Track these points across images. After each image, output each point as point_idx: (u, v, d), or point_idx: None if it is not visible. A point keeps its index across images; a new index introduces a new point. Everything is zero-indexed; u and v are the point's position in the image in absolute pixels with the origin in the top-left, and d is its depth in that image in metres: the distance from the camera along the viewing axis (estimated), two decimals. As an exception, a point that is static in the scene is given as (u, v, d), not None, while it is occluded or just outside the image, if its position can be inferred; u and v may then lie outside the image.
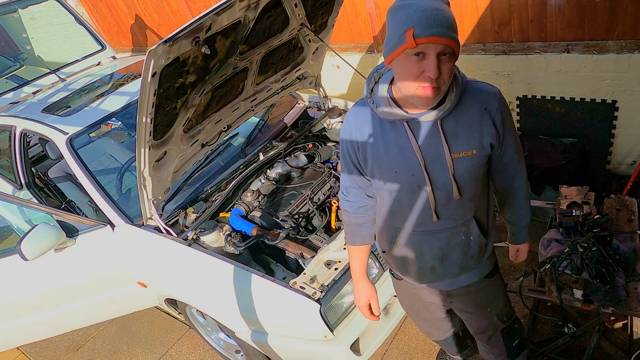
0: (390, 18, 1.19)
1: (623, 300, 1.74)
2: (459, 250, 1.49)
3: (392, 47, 1.18)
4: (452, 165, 1.33)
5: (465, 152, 1.33)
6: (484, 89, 1.35)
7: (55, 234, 2.38)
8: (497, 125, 1.35)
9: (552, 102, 3.16)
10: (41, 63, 4.67)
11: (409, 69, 1.18)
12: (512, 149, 1.44)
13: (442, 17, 1.13)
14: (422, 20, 1.11)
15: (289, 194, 2.68)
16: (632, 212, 2.11)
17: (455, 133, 1.32)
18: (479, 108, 1.32)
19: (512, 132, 1.43)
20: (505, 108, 1.38)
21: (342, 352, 2.00)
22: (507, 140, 1.41)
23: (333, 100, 3.29)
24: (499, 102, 1.34)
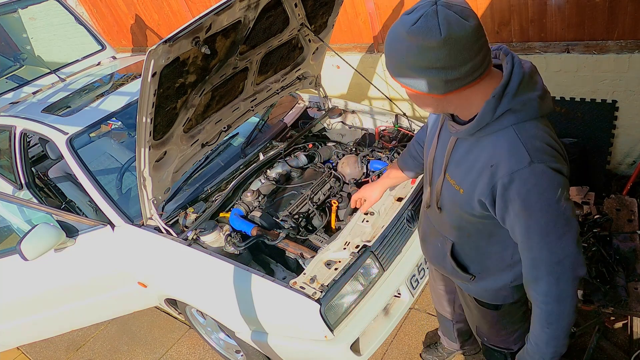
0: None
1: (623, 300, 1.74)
2: (436, 251, 1.52)
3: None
4: (442, 181, 1.31)
5: (455, 183, 1.24)
6: (511, 148, 1.07)
7: (55, 234, 2.38)
8: (496, 195, 1.11)
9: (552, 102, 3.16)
10: (41, 63, 4.67)
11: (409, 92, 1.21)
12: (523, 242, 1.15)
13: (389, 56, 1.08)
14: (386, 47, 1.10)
15: (289, 194, 2.68)
16: (632, 212, 2.11)
17: (459, 160, 1.22)
18: (486, 159, 1.13)
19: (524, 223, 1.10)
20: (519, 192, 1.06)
21: (342, 352, 2.00)
22: (512, 224, 1.14)
23: (333, 100, 3.29)
24: (511, 176, 1.06)
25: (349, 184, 2.68)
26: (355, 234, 2.22)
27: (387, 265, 2.23)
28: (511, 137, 1.08)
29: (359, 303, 2.11)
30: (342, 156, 2.89)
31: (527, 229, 1.11)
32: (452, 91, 1.06)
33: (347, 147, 2.96)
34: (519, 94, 1.08)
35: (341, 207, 2.53)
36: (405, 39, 1.00)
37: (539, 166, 1.05)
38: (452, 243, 1.41)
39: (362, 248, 2.13)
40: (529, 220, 1.09)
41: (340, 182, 2.67)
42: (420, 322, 2.73)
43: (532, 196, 1.06)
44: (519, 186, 1.06)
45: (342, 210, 2.53)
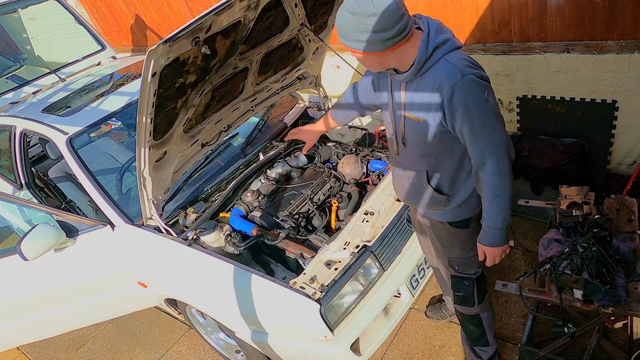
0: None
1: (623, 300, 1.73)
2: (413, 189, 1.77)
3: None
4: (403, 122, 1.61)
5: (414, 116, 1.57)
6: (446, 72, 1.44)
7: (55, 234, 2.38)
8: (445, 108, 1.47)
9: (552, 102, 3.16)
10: (41, 63, 4.67)
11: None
12: (470, 139, 1.49)
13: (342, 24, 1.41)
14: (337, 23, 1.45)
15: (289, 194, 2.68)
16: (632, 212, 2.11)
17: (412, 98, 1.55)
18: (432, 85, 1.48)
19: (470, 123, 1.46)
20: (461, 98, 1.42)
21: (342, 352, 2.00)
22: (460, 126, 1.48)
23: (333, 100, 3.29)
24: (451, 89, 1.42)
25: (349, 184, 2.68)
26: (355, 234, 2.22)
27: (387, 265, 2.23)
28: (444, 64, 1.45)
29: (359, 303, 2.11)
30: (342, 156, 2.89)
31: (471, 127, 1.46)
32: (389, 48, 1.41)
33: (347, 147, 2.96)
34: (438, 34, 1.47)
35: (341, 207, 2.53)
36: (348, 15, 1.38)
37: (468, 77, 1.42)
38: (425, 171, 1.69)
39: (362, 248, 2.13)
40: (471, 119, 1.45)
41: (340, 182, 2.67)
42: (420, 322, 2.74)
43: (469, 100, 1.43)
44: (458, 95, 1.42)
45: (342, 210, 2.53)
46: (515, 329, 2.53)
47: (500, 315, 2.62)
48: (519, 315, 2.60)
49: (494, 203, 1.57)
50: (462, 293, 1.98)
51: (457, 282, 1.97)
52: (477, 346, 2.23)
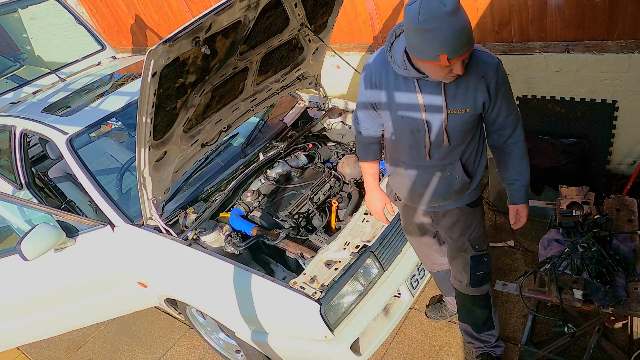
0: (418, 35, 1.38)
1: (623, 300, 1.73)
2: (443, 184, 1.80)
3: (423, 59, 1.43)
4: (447, 120, 1.63)
5: (460, 110, 1.61)
6: (485, 60, 1.58)
7: (55, 234, 2.38)
8: (491, 91, 1.61)
9: (552, 102, 3.16)
10: (41, 63, 4.67)
11: (439, 72, 1.48)
12: (507, 111, 1.68)
13: (466, 35, 1.37)
14: (453, 46, 1.36)
15: (289, 194, 2.68)
16: (632, 212, 2.11)
17: (454, 94, 1.59)
18: (477, 75, 1.57)
19: (507, 98, 1.66)
20: (502, 78, 1.61)
21: (342, 352, 2.00)
22: (500, 103, 1.65)
23: (333, 100, 3.29)
24: (495, 72, 1.58)
25: (349, 184, 2.68)
26: (355, 234, 2.22)
27: (387, 265, 2.23)
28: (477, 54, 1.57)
29: (359, 303, 2.11)
30: (342, 156, 2.89)
31: (508, 100, 1.67)
32: None
33: (347, 147, 2.96)
34: None
35: (341, 207, 2.53)
36: (461, 22, 1.35)
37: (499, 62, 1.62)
38: (459, 160, 1.75)
39: (362, 248, 2.13)
40: (508, 93, 1.67)
41: (340, 182, 2.67)
42: (420, 322, 2.73)
43: (505, 77, 1.64)
44: (501, 76, 1.61)
45: (342, 210, 2.53)
46: (515, 329, 2.53)
47: (500, 315, 2.61)
48: (519, 315, 2.60)
49: (523, 161, 1.78)
50: (484, 271, 2.02)
51: (478, 261, 2.00)
52: (484, 332, 2.23)
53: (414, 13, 1.34)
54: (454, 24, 1.33)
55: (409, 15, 1.36)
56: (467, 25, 1.37)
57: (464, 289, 2.10)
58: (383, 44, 1.68)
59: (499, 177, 3.15)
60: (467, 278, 2.04)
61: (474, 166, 1.82)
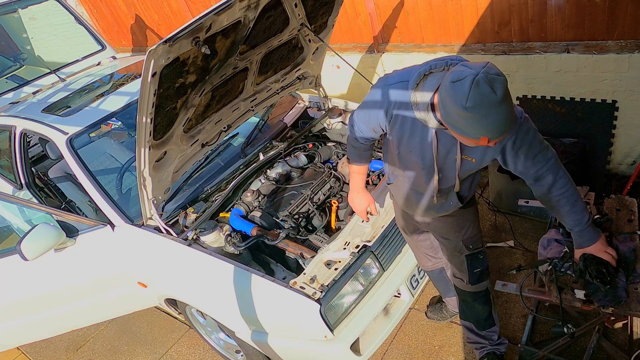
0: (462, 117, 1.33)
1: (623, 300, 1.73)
2: (438, 206, 1.88)
3: (464, 136, 1.40)
4: (459, 167, 1.67)
5: (467, 157, 1.65)
6: None
7: (55, 234, 2.38)
8: (507, 150, 1.60)
9: (552, 102, 3.16)
10: (41, 63, 4.67)
11: (472, 143, 1.46)
12: (536, 165, 1.62)
13: (510, 122, 1.35)
14: (498, 132, 1.35)
15: (289, 194, 2.68)
16: (632, 212, 2.10)
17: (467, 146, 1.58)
18: None
19: (532, 151, 1.59)
20: (521, 138, 1.56)
21: (342, 352, 2.00)
22: (525, 160, 1.61)
23: (333, 100, 3.29)
24: (514, 135, 1.55)
25: (349, 184, 2.68)
26: (355, 234, 2.22)
27: (387, 265, 2.23)
28: None
29: (359, 303, 2.11)
30: (342, 156, 2.89)
31: (534, 156, 1.60)
32: None
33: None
34: None
35: (341, 207, 2.53)
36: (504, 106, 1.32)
37: (522, 118, 1.56)
38: (456, 192, 1.81)
39: (362, 248, 2.13)
40: (534, 151, 1.59)
41: (340, 182, 2.67)
42: (420, 322, 2.73)
43: (527, 137, 1.58)
44: (521, 138, 1.56)
45: (342, 210, 2.53)
46: (515, 329, 2.53)
47: (500, 315, 2.62)
48: (519, 315, 2.60)
49: (577, 203, 1.67)
50: (480, 268, 2.04)
51: (473, 259, 2.02)
52: (486, 329, 2.24)
53: (462, 95, 1.29)
54: (503, 112, 1.31)
55: (456, 96, 1.30)
56: (512, 112, 1.36)
57: (464, 287, 2.11)
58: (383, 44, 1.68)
59: (499, 177, 3.16)
60: (466, 277, 2.06)
61: (468, 191, 1.88)
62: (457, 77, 1.31)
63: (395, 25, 3.67)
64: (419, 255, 2.29)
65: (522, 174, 1.69)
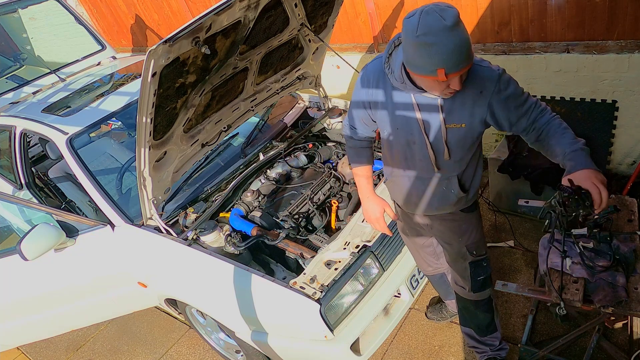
0: (416, 49, 1.35)
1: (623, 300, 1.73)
2: (438, 196, 1.80)
3: (420, 73, 1.40)
4: (446, 133, 1.61)
5: (455, 124, 1.59)
6: (484, 75, 1.52)
7: (55, 234, 2.38)
8: (495, 106, 1.54)
9: (552, 102, 3.16)
10: (41, 63, 4.67)
11: (436, 87, 1.46)
12: (528, 114, 1.56)
13: (465, 50, 1.34)
14: (451, 61, 1.34)
15: (289, 194, 2.68)
16: (632, 212, 2.10)
17: (451, 108, 1.57)
18: (474, 91, 1.52)
19: (521, 103, 1.55)
20: (505, 88, 1.52)
21: (342, 352, 2.00)
22: (517, 112, 1.55)
23: (333, 100, 3.29)
24: (496, 85, 1.51)
25: (349, 184, 2.68)
26: (355, 234, 2.22)
27: (387, 265, 2.23)
28: (476, 69, 1.51)
29: (359, 303, 2.11)
30: (342, 156, 2.89)
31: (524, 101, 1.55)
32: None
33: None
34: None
35: (341, 207, 2.53)
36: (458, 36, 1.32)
37: (501, 71, 1.53)
38: (456, 176, 1.74)
39: (362, 248, 2.13)
40: (521, 99, 1.55)
41: (340, 182, 2.67)
42: (420, 322, 2.73)
43: (512, 84, 1.53)
44: (504, 86, 1.51)
45: (342, 210, 2.53)
46: (515, 329, 2.53)
47: (500, 315, 2.61)
48: (519, 315, 2.60)
49: (569, 131, 1.54)
50: (484, 275, 2.00)
51: (477, 266, 1.98)
52: (487, 335, 2.22)
53: (412, 26, 1.32)
54: (453, 38, 1.31)
55: (408, 29, 1.34)
56: (467, 41, 1.34)
57: (466, 295, 2.08)
58: (383, 44, 1.68)
59: (499, 177, 3.16)
60: (469, 284, 2.02)
61: (471, 181, 1.80)
62: (409, 15, 1.36)
63: (395, 25, 3.67)
64: (419, 260, 2.27)
65: (518, 126, 1.59)
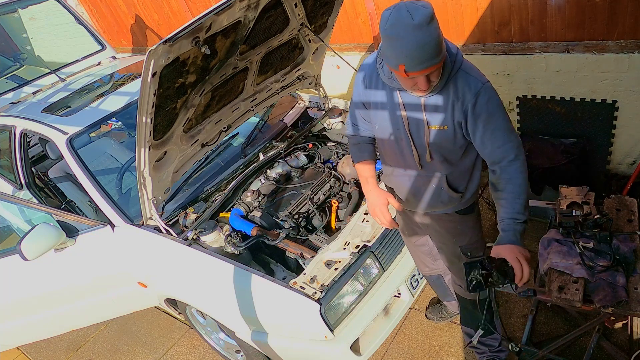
0: (385, 40, 1.41)
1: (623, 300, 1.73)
2: (429, 194, 1.81)
3: (389, 64, 1.45)
4: (428, 134, 1.63)
5: (439, 126, 1.60)
6: (467, 83, 1.53)
7: (55, 234, 2.38)
8: (468, 116, 1.54)
9: (552, 102, 3.16)
10: (41, 63, 4.67)
11: (404, 83, 1.50)
12: (493, 143, 1.56)
13: (427, 52, 1.35)
14: (411, 60, 1.36)
15: (289, 194, 2.68)
16: (632, 212, 2.10)
17: (434, 110, 1.58)
18: (454, 95, 1.54)
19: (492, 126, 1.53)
20: (482, 105, 1.51)
21: (342, 352, 2.00)
22: (483, 132, 1.55)
23: (333, 100, 3.29)
24: (474, 98, 1.51)
25: (349, 184, 2.68)
26: (355, 234, 2.22)
27: (387, 265, 2.23)
28: (463, 75, 1.53)
29: (359, 303, 2.11)
30: (342, 156, 2.89)
31: (494, 129, 1.53)
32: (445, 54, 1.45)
33: (347, 147, 2.95)
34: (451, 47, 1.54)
35: (341, 207, 2.53)
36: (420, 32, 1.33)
37: (487, 84, 1.53)
38: (445, 176, 1.74)
39: (362, 248, 2.13)
40: (496, 122, 1.52)
41: (340, 182, 2.67)
42: (420, 322, 2.73)
43: (491, 105, 1.52)
44: (481, 102, 1.51)
45: (342, 210, 2.53)
46: (515, 329, 2.53)
47: (500, 315, 2.61)
48: (519, 315, 2.60)
49: (519, 199, 1.55)
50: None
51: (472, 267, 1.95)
52: (487, 336, 2.21)
53: (384, 18, 1.38)
54: (416, 37, 1.33)
55: (381, 20, 1.40)
56: (432, 43, 1.34)
57: (463, 294, 2.09)
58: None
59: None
60: (465, 284, 2.03)
61: (466, 183, 1.80)
62: (389, 7, 1.40)
63: (395, 25, 3.67)
64: (417, 260, 2.28)
65: (480, 148, 1.60)
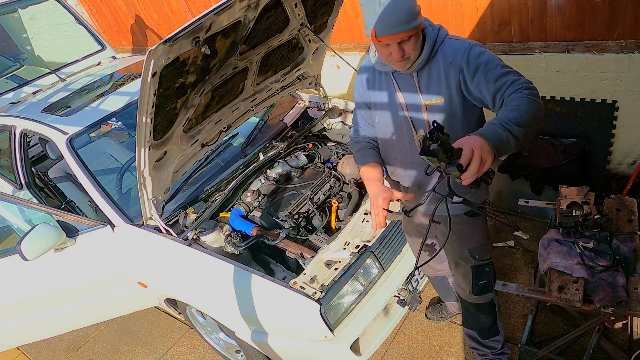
0: (362, 10, 1.44)
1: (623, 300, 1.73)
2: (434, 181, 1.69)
3: (366, 34, 1.47)
4: (426, 112, 1.62)
5: (435, 100, 1.59)
6: (454, 47, 1.54)
7: (55, 234, 2.38)
8: (465, 72, 1.51)
9: (552, 102, 3.16)
10: (41, 63, 4.67)
11: (380, 52, 1.53)
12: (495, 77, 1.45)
13: (396, 16, 1.38)
14: (381, 24, 1.39)
15: (289, 194, 2.68)
16: (632, 212, 2.10)
17: (428, 84, 1.58)
18: (445, 62, 1.54)
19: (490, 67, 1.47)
20: (475, 56, 1.49)
21: (342, 352, 2.00)
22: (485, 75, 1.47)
23: (333, 100, 3.29)
24: (465, 54, 1.51)
25: (349, 184, 2.68)
26: (355, 234, 2.22)
27: (387, 265, 2.23)
28: (449, 43, 1.55)
29: (359, 303, 2.11)
30: (342, 156, 2.89)
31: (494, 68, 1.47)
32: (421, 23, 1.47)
33: (347, 147, 2.95)
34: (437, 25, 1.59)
35: (341, 207, 2.53)
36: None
37: (474, 43, 1.54)
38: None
39: (362, 248, 2.13)
40: (492, 66, 1.47)
41: (340, 182, 2.67)
42: (420, 322, 2.73)
43: (483, 56, 1.50)
44: (473, 55, 1.50)
45: (342, 210, 2.53)
46: (515, 329, 2.53)
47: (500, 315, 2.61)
48: (519, 315, 2.60)
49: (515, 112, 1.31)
50: (485, 280, 2.00)
51: (479, 270, 1.98)
52: (489, 338, 2.22)
53: None
54: (386, 3, 1.36)
55: None
56: (402, 8, 1.37)
57: (467, 297, 2.08)
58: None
59: (499, 177, 3.16)
60: (469, 287, 2.03)
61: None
62: None
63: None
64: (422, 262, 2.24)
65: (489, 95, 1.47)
